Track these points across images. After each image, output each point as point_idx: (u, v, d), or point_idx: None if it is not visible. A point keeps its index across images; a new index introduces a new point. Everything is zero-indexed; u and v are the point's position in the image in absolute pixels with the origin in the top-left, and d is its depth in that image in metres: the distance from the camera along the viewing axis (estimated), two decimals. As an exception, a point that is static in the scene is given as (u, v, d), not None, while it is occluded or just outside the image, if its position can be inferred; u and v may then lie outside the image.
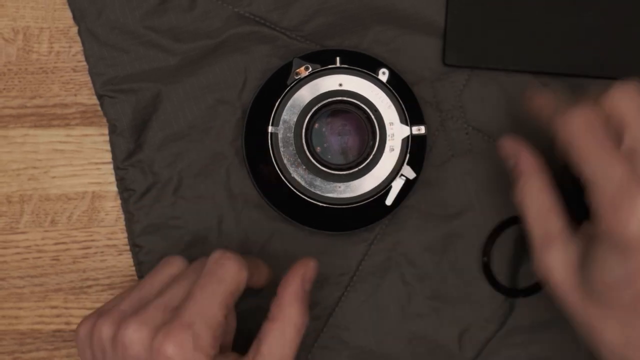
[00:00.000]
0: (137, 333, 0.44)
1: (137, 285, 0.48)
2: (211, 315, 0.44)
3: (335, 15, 0.54)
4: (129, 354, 0.44)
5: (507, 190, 0.54)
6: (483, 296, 0.54)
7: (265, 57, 0.54)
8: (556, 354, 0.54)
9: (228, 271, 0.45)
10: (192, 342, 0.43)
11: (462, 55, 0.54)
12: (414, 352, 0.54)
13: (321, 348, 0.54)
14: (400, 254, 0.54)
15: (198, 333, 0.43)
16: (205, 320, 0.44)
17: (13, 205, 0.56)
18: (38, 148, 0.56)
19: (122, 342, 0.44)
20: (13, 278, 0.56)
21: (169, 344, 0.43)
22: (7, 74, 0.56)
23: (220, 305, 0.44)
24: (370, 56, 0.53)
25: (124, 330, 0.44)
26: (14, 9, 0.56)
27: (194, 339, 0.43)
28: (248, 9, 0.54)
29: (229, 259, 0.46)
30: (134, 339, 0.44)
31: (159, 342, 0.43)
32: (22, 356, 0.55)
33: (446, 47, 0.54)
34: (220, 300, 0.44)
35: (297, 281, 0.47)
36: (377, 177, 0.53)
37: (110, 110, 0.54)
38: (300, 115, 0.53)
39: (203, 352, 0.43)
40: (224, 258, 0.46)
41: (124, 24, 0.54)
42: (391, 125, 0.53)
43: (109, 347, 0.45)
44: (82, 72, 0.55)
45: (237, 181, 0.54)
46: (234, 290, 0.45)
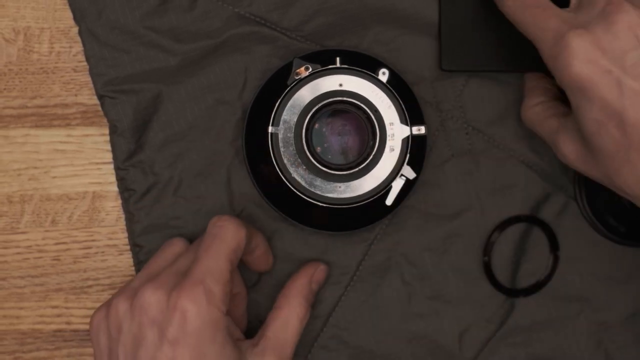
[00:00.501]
0: (153, 295, 0.46)
1: (143, 267, 0.50)
2: (219, 271, 0.47)
3: (335, 16, 0.54)
4: (148, 316, 0.46)
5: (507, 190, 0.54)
6: (483, 296, 0.54)
7: (266, 57, 0.54)
8: (556, 353, 0.54)
9: (227, 231, 0.48)
10: (205, 297, 0.46)
11: (458, 60, 0.53)
12: (414, 352, 0.54)
13: (321, 348, 0.54)
14: (401, 253, 0.54)
15: (209, 288, 0.46)
16: (214, 276, 0.47)
17: (14, 205, 0.56)
18: (39, 148, 0.56)
19: (140, 307, 0.46)
20: (14, 278, 0.56)
21: (184, 300, 0.45)
22: (8, 74, 0.56)
23: (225, 262, 0.47)
24: (370, 56, 0.53)
25: (141, 296, 0.46)
26: (14, 9, 0.56)
27: (206, 293, 0.46)
28: (248, 9, 0.54)
29: (226, 221, 0.49)
30: (152, 301, 0.46)
31: (174, 300, 0.46)
32: (22, 356, 0.56)
33: (442, 53, 0.53)
34: (224, 257, 0.47)
35: (305, 278, 0.52)
36: (377, 177, 0.53)
37: (111, 111, 0.54)
38: (300, 115, 0.53)
39: (216, 306, 0.46)
40: (222, 220, 0.49)
41: (124, 25, 0.54)
42: (391, 126, 0.53)
43: (126, 319, 0.47)
44: (82, 72, 0.56)
45: (237, 181, 0.54)
46: (235, 248, 0.48)
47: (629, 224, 0.54)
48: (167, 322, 0.45)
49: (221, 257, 0.47)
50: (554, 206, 0.54)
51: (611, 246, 0.54)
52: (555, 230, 0.54)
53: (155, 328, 0.46)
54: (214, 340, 0.46)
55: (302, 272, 0.52)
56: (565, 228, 0.54)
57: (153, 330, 0.46)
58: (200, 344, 0.45)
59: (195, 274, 0.46)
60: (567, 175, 0.54)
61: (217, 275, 0.47)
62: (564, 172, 0.54)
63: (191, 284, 0.46)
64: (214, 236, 0.48)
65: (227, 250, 0.48)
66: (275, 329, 0.50)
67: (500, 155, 0.54)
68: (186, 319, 0.45)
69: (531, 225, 0.54)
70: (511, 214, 0.54)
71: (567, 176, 0.54)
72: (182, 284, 0.46)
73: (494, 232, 0.54)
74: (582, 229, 0.54)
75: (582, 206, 0.54)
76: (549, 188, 0.54)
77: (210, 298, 0.46)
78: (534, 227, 0.54)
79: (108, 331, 0.48)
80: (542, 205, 0.54)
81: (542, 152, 0.54)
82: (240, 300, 0.52)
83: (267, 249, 0.53)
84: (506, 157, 0.54)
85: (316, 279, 0.52)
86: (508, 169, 0.54)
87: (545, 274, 0.54)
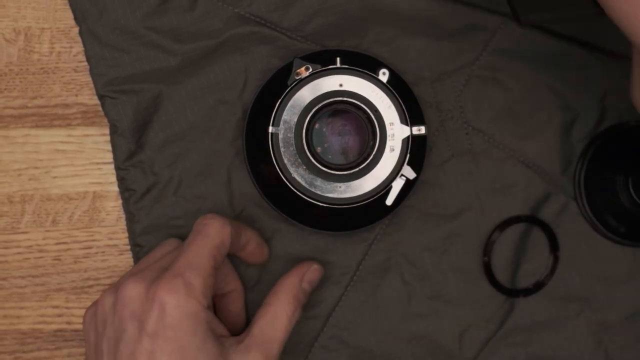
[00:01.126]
0: (134, 289, 0.46)
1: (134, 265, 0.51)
2: (200, 265, 0.47)
3: (336, 16, 0.54)
4: (129, 310, 0.46)
5: (507, 190, 0.54)
6: (483, 296, 0.54)
7: (266, 58, 0.54)
8: (556, 354, 0.54)
9: (211, 228, 0.48)
10: (183, 289, 0.46)
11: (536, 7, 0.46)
12: (414, 352, 0.54)
13: (321, 348, 0.54)
14: (401, 253, 0.54)
15: (189, 281, 0.46)
16: (195, 270, 0.47)
17: (14, 205, 0.56)
18: (39, 148, 0.56)
19: (122, 301, 0.46)
20: (14, 278, 0.56)
21: (162, 292, 0.45)
22: (9, 74, 0.56)
23: (208, 257, 0.47)
24: (370, 56, 0.53)
25: (122, 290, 0.47)
26: (15, 9, 0.56)
27: (185, 285, 0.46)
28: (248, 10, 0.54)
29: (211, 219, 0.49)
30: (132, 294, 0.46)
31: (153, 292, 0.46)
32: (23, 356, 0.56)
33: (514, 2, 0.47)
34: (206, 253, 0.47)
35: (296, 277, 0.51)
36: (377, 177, 0.53)
37: (111, 111, 0.54)
38: (300, 115, 0.53)
39: (195, 299, 0.46)
40: (207, 218, 0.49)
41: (124, 25, 0.54)
42: (391, 126, 0.53)
43: (110, 314, 0.47)
44: (83, 72, 0.56)
45: (237, 181, 0.54)
46: (218, 244, 0.48)
47: (629, 224, 0.54)
48: (145, 315, 0.45)
49: (203, 252, 0.47)
50: (554, 206, 0.54)
51: (611, 246, 0.54)
52: (555, 230, 0.54)
53: (135, 321, 0.46)
54: (193, 334, 0.45)
55: (294, 271, 0.52)
56: (565, 228, 0.54)
57: (133, 323, 0.46)
58: (180, 337, 0.45)
59: (176, 268, 0.47)
60: (567, 175, 0.54)
61: (197, 269, 0.47)
62: (564, 172, 0.54)
63: (170, 277, 0.46)
64: (198, 233, 0.48)
65: (209, 246, 0.48)
66: (262, 326, 0.49)
67: (500, 155, 0.54)
68: (164, 311, 0.45)
69: (531, 225, 0.54)
70: (511, 214, 0.54)
71: (567, 176, 0.54)
72: (161, 277, 0.46)
73: (494, 232, 0.54)
74: (582, 229, 0.54)
75: (582, 206, 0.54)
76: (549, 188, 0.54)
77: (189, 290, 0.46)
78: (534, 227, 0.54)
79: (95, 327, 0.48)
80: (542, 205, 0.54)
81: (542, 152, 0.54)
82: (236, 297, 0.52)
83: (260, 243, 0.53)
84: (506, 157, 0.54)
85: (308, 278, 0.52)
86: (508, 169, 0.54)
87: (545, 274, 0.54)
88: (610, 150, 0.54)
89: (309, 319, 0.54)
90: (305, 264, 0.52)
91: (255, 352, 0.48)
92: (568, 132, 0.54)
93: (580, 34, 0.54)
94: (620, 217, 0.54)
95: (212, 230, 0.48)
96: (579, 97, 0.54)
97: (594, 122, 0.54)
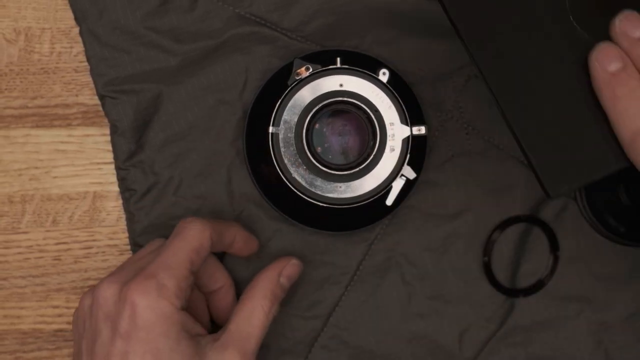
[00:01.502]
0: (108, 290, 0.46)
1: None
2: (175, 267, 0.47)
3: (336, 16, 0.54)
4: (103, 311, 0.46)
5: (507, 190, 0.54)
6: (483, 296, 0.54)
7: (266, 58, 0.54)
8: (556, 354, 0.54)
9: (190, 231, 0.48)
10: (155, 290, 0.45)
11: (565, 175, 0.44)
12: (414, 352, 0.54)
13: (321, 347, 0.54)
14: (401, 253, 0.54)
15: (162, 282, 0.46)
16: (169, 271, 0.46)
17: (15, 205, 0.56)
18: (40, 148, 0.56)
19: (97, 302, 0.46)
20: (15, 278, 0.56)
21: (134, 292, 0.45)
22: (9, 75, 0.56)
23: (184, 259, 0.47)
24: (370, 56, 0.54)
25: (97, 291, 0.47)
26: (15, 9, 0.56)
27: (157, 287, 0.45)
28: (248, 10, 0.54)
29: (192, 222, 0.48)
30: (107, 296, 0.46)
31: (125, 293, 0.46)
32: (23, 355, 0.56)
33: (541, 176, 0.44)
34: (183, 256, 0.47)
35: (273, 271, 0.51)
36: (377, 177, 0.53)
37: (111, 111, 0.54)
38: (301, 115, 0.53)
39: (167, 299, 0.45)
40: (187, 222, 0.49)
41: (125, 25, 0.54)
42: (391, 126, 0.53)
43: (87, 315, 0.47)
44: (83, 72, 0.56)
45: (237, 181, 0.54)
46: (197, 247, 0.48)
47: (629, 224, 0.54)
48: (118, 316, 0.45)
49: (179, 254, 0.47)
50: (554, 206, 0.54)
51: (611, 246, 0.54)
52: (555, 230, 0.54)
53: (108, 322, 0.46)
54: (166, 335, 0.45)
55: (272, 265, 0.51)
56: (565, 228, 0.54)
57: (107, 324, 0.46)
58: (152, 338, 0.45)
59: (150, 269, 0.46)
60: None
61: (171, 271, 0.46)
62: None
63: (143, 278, 0.46)
64: (177, 235, 0.48)
65: (187, 248, 0.47)
66: (238, 322, 0.48)
67: (500, 155, 0.54)
68: (136, 312, 0.45)
69: (531, 225, 0.54)
70: (511, 214, 0.54)
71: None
72: (134, 278, 0.46)
73: (494, 232, 0.54)
74: (582, 229, 0.54)
75: (582, 206, 0.54)
76: (549, 188, 0.54)
77: (161, 292, 0.45)
78: (534, 227, 0.54)
79: (77, 327, 0.48)
80: (542, 205, 0.54)
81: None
82: (225, 293, 0.52)
83: (247, 239, 0.52)
84: (506, 157, 0.54)
85: (286, 273, 0.51)
86: (508, 169, 0.54)
87: (545, 274, 0.54)
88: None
89: (309, 318, 0.54)
90: (283, 259, 0.52)
91: (232, 349, 0.47)
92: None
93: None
94: (620, 217, 0.54)
95: (190, 233, 0.48)
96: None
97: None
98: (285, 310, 0.54)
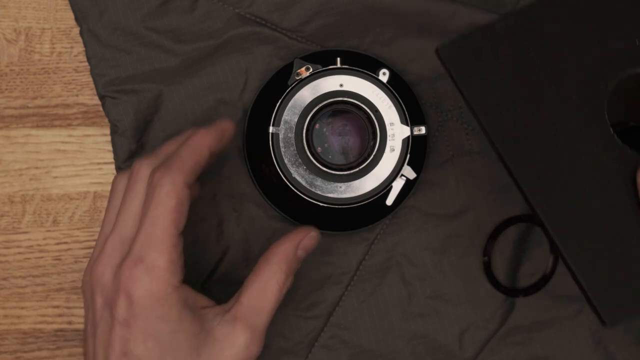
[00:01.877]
0: (104, 276, 0.45)
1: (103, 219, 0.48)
2: (160, 240, 0.44)
3: (336, 16, 0.54)
4: (101, 298, 0.45)
5: (507, 190, 0.54)
6: (483, 296, 0.54)
7: (266, 58, 0.54)
8: (556, 353, 0.54)
9: (162, 191, 0.44)
10: (147, 274, 0.43)
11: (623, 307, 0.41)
12: (414, 352, 0.54)
13: (321, 347, 0.54)
14: (401, 253, 0.54)
15: (152, 264, 0.43)
16: (156, 249, 0.44)
17: (15, 205, 0.56)
18: (40, 148, 0.56)
19: (94, 286, 0.45)
20: (15, 278, 0.56)
21: (127, 281, 0.43)
22: (9, 75, 0.56)
23: (167, 227, 0.44)
24: (370, 57, 0.54)
25: (93, 274, 0.45)
26: (16, 9, 0.56)
27: (148, 270, 0.43)
28: (249, 10, 0.54)
29: (160, 177, 0.45)
30: (103, 281, 0.45)
31: (118, 281, 0.44)
32: (24, 355, 0.56)
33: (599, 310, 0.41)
34: (163, 223, 0.44)
35: (291, 243, 0.47)
36: (377, 177, 0.53)
37: (112, 111, 0.54)
38: (301, 115, 0.53)
39: (161, 281, 0.43)
40: (155, 180, 0.45)
41: (125, 25, 0.54)
42: (392, 126, 0.53)
43: (89, 297, 0.46)
44: (83, 72, 0.56)
45: (238, 181, 0.54)
46: (176, 205, 0.44)
47: None
48: (115, 304, 0.44)
49: (159, 222, 0.44)
50: (553, 206, 0.54)
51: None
52: (555, 230, 0.54)
53: (107, 309, 0.45)
54: (166, 318, 0.44)
55: (290, 236, 0.48)
56: (565, 228, 0.54)
57: (106, 311, 0.45)
58: (153, 324, 0.43)
59: (135, 250, 0.44)
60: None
61: (157, 246, 0.44)
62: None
63: (132, 263, 0.44)
64: (150, 200, 0.45)
65: (165, 212, 0.44)
66: (250, 295, 0.45)
67: (500, 156, 0.54)
68: (132, 301, 0.43)
69: (531, 225, 0.54)
70: (511, 214, 0.54)
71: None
72: (124, 262, 0.44)
73: (494, 232, 0.54)
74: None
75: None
76: (549, 188, 0.54)
77: (153, 274, 0.43)
78: (534, 227, 0.54)
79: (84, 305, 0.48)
80: (542, 205, 0.54)
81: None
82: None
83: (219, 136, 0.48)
84: (506, 157, 0.54)
85: (304, 245, 0.48)
86: (508, 169, 0.54)
87: (545, 274, 0.54)
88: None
89: (309, 318, 0.54)
90: (303, 229, 0.48)
91: (242, 324, 0.45)
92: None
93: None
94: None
95: (163, 193, 0.44)
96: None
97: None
98: (285, 310, 0.54)
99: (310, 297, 0.54)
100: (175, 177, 0.44)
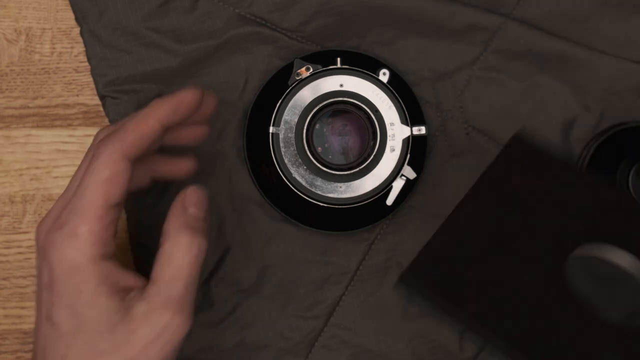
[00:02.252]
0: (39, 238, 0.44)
1: None
2: (86, 209, 0.43)
3: (336, 17, 0.54)
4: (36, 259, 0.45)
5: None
6: (483, 296, 0.54)
7: (267, 58, 0.54)
8: (556, 353, 0.54)
9: (98, 161, 0.44)
10: (66, 241, 0.42)
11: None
12: (414, 352, 0.54)
13: (322, 347, 0.54)
14: (401, 253, 0.54)
15: (72, 231, 0.43)
16: (80, 216, 0.43)
17: (16, 205, 0.56)
18: (40, 148, 0.56)
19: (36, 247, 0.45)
20: (16, 277, 0.56)
21: (48, 245, 0.43)
22: (10, 75, 0.56)
23: (96, 197, 0.43)
24: (370, 57, 0.54)
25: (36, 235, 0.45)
26: (16, 9, 0.56)
27: (68, 237, 0.43)
28: (249, 10, 0.54)
29: (99, 147, 0.44)
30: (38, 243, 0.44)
31: (42, 244, 0.43)
32: (24, 355, 0.56)
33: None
34: (93, 193, 0.43)
35: (175, 207, 0.45)
36: (377, 177, 0.53)
37: (112, 111, 0.54)
38: (301, 115, 0.53)
39: (78, 251, 0.42)
40: (97, 148, 0.44)
41: (126, 25, 0.54)
42: (392, 126, 0.53)
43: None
44: (84, 72, 0.56)
45: (238, 181, 0.54)
46: (109, 177, 0.43)
47: None
48: (39, 265, 0.44)
49: (89, 192, 0.43)
50: (554, 206, 0.54)
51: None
52: (555, 230, 0.54)
53: (37, 270, 0.44)
54: (81, 289, 0.42)
55: (172, 203, 0.46)
56: (565, 228, 0.54)
57: (37, 273, 0.44)
58: (69, 293, 0.42)
59: (62, 216, 0.43)
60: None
61: (83, 215, 0.43)
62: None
63: (57, 227, 0.43)
64: (88, 168, 0.44)
65: (96, 182, 0.43)
66: (158, 270, 0.43)
67: (501, 156, 0.54)
68: (52, 266, 0.43)
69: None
70: (511, 214, 0.54)
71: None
72: (50, 227, 0.43)
73: (494, 232, 0.54)
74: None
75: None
76: (549, 188, 0.54)
77: (72, 243, 0.42)
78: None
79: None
80: (542, 205, 0.54)
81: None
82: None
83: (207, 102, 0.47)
84: (506, 157, 0.54)
85: (190, 201, 0.46)
86: (508, 169, 0.54)
87: (545, 274, 0.54)
88: (610, 151, 0.54)
89: (309, 318, 0.54)
90: (181, 192, 0.46)
91: (156, 299, 0.43)
92: (568, 132, 0.54)
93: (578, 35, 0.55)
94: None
95: (97, 163, 0.43)
96: (579, 97, 0.54)
97: (594, 122, 0.54)
98: (285, 310, 0.54)
99: (310, 297, 0.54)
100: (113, 148, 0.44)
